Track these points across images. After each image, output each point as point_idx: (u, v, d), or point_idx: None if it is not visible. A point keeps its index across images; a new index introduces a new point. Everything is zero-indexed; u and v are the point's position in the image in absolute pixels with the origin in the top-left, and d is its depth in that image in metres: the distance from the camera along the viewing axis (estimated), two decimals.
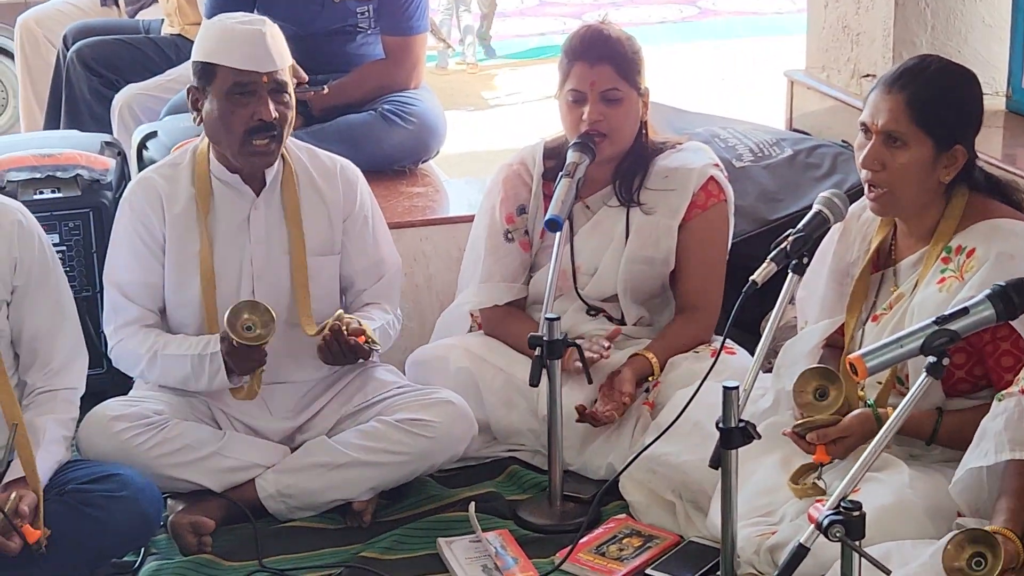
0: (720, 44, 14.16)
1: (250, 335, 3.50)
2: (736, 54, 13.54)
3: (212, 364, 3.61)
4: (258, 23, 3.62)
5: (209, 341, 3.64)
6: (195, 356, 3.64)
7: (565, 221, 3.63)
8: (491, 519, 3.63)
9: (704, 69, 12.87)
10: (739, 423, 3.02)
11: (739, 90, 11.44)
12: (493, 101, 12.77)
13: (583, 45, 3.83)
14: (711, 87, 11.73)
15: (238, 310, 3.50)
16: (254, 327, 3.50)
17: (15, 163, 4.39)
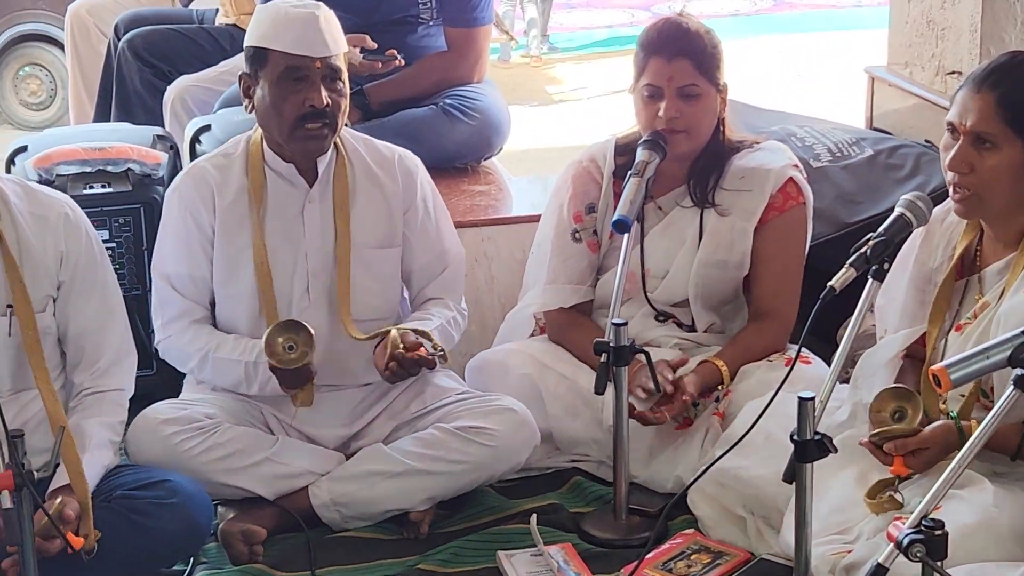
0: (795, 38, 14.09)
1: (291, 356, 3.50)
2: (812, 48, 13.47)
3: (265, 372, 3.64)
4: (312, 7, 3.63)
5: None
6: (249, 363, 3.68)
7: (634, 222, 3.63)
8: (553, 532, 3.62)
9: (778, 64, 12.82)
10: (815, 436, 2.99)
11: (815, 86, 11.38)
12: (557, 96, 12.76)
13: (661, 39, 3.82)
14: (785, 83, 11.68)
15: (274, 333, 3.50)
16: (295, 347, 3.50)
17: (65, 156, 4.42)
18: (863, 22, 13.76)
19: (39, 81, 12.40)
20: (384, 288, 3.84)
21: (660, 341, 3.92)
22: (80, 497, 3.20)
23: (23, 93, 12.41)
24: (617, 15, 15.87)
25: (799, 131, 4.65)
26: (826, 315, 3.09)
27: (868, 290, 3.13)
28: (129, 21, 5.84)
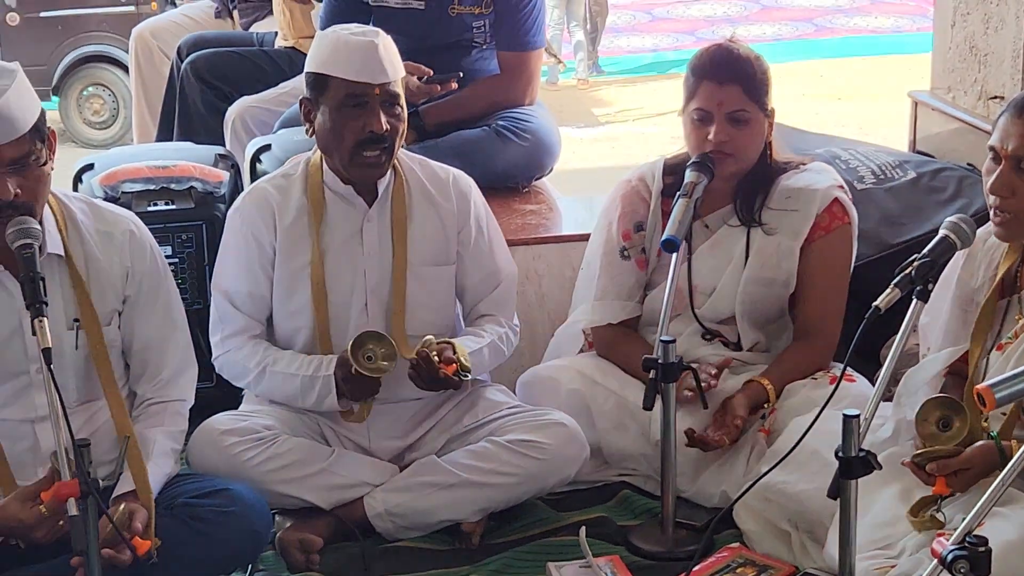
0: (837, 63, 14.06)
1: (370, 365, 3.53)
2: (853, 73, 13.44)
3: (323, 386, 3.66)
4: (371, 34, 3.65)
5: (322, 362, 3.68)
6: (306, 376, 3.68)
7: (682, 242, 3.62)
8: (602, 544, 3.61)
9: (820, 88, 12.79)
10: (859, 452, 2.97)
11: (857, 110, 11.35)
12: (604, 118, 12.77)
13: (712, 64, 3.81)
14: (828, 107, 11.65)
15: (363, 339, 3.55)
16: (375, 358, 3.54)
17: (130, 174, 4.45)
18: (903, 47, 13.73)
19: (102, 101, 12.52)
20: (439, 305, 3.86)
21: (707, 359, 3.90)
22: (144, 504, 3.21)
23: (87, 112, 12.53)
24: (662, 39, 15.88)
25: (843, 153, 4.63)
26: (870, 334, 3.08)
27: (912, 310, 3.10)
28: (192, 44, 5.87)
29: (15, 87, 3.11)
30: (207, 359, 3.98)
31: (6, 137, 3.09)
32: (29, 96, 3.16)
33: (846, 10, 16.38)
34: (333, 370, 3.65)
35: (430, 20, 4.76)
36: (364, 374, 3.54)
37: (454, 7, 4.75)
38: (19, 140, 3.11)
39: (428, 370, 3.59)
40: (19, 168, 3.12)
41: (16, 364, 3.32)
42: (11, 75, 3.13)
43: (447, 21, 4.76)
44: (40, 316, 2.98)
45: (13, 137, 3.09)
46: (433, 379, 3.60)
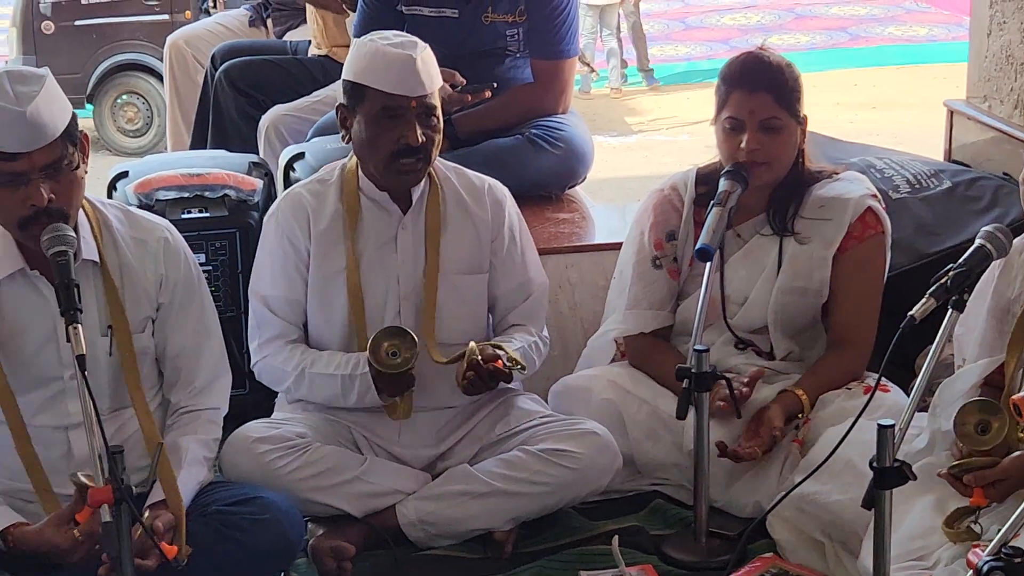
0: (872, 72, 14.02)
1: (395, 361, 3.54)
2: (888, 82, 13.39)
3: (362, 384, 3.67)
4: (409, 47, 3.65)
5: (359, 360, 3.68)
6: (345, 376, 3.69)
7: (716, 251, 3.62)
8: (634, 553, 3.61)
9: (855, 97, 12.75)
10: (894, 463, 2.96)
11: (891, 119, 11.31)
12: (637, 126, 12.76)
13: (743, 72, 3.81)
14: (862, 115, 11.61)
15: (379, 338, 3.55)
16: (398, 352, 3.54)
17: (164, 182, 4.47)
18: (938, 56, 13.69)
19: (136, 109, 12.55)
20: (471, 313, 3.86)
21: (740, 368, 3.90)
22: (174, 511, 3.22)
23: (120, 120, 12.57)
24: (696, 48, 15.86)
25: (878, 163, 4.62)
26: (905, 344, 3.07)
27: (948, 320, 3.09)
28: (225, 52, 5.90)
29: (44, 92, 3.13)
30: (240, 366, 4.00)
31: (37, 143, 3.10)
32: (59, 101, 3.17)
33: (881, 19, 16.33)
34: (368, 367, 3.66)
35: (463, 28, 4.76)
36: (390, 372, 3.55)
37: (487, 15, 4.75)
38: (51, 145, 3.12)
39: (479, 373, 3.59)
40: (52, 173, 3.14)
41: (50, 370, 3.33)
42: (40, 80, 3.15)
43: (480, 29, 4.76)
44: (75, 323, 3.00)
45: (44, 143, 3.11)
46: (485, 379, 3.60)
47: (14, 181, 3.13)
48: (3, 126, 3.08)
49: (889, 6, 16.78)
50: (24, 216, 3.15)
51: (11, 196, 3.14)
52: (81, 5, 12.06)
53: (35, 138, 3.10)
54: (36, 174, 3.12)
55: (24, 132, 3.09)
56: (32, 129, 3.09)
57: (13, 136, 3.09)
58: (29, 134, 3.09)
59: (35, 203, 3.13)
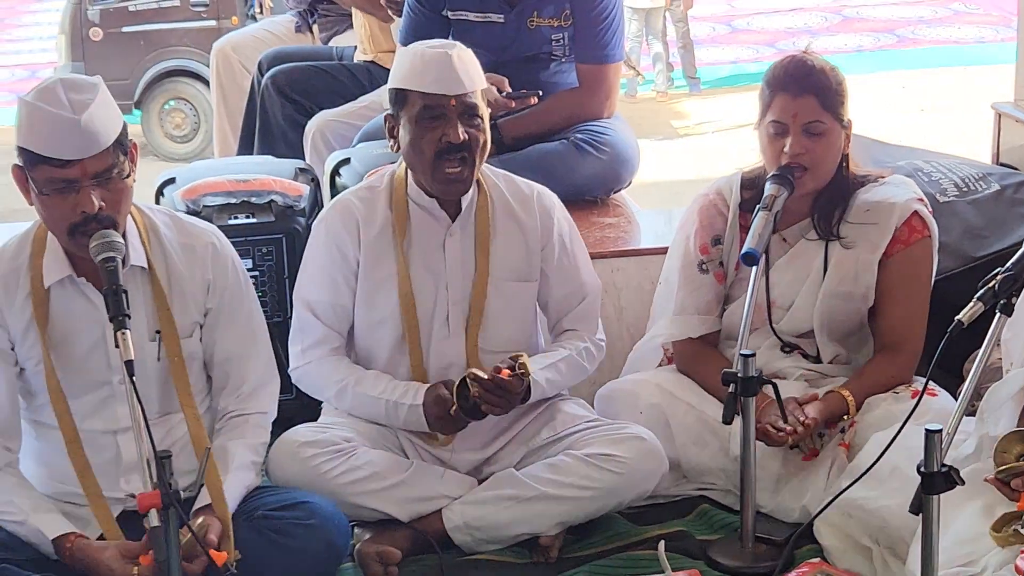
0: (919, 74, 13.95)
1: (468, 405, 3.58)
2: (936, 84, 13.33)
3: (410, 414, 3.70)
4: (447, 47, 3.67)
5: (408, 389, 3.71)
6: (391, 402, 3.72)
7: (762, 255, 3.62)
8: (681, 559, 3.60)
9: (902, 99, 12.69)
10: (942, 468, 2.95)
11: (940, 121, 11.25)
12: (682, 130, 12.74)
13: (786, 76, 3.80)
14: (910, 118, 11.56)
15: (467, 382, 3.56)
16: None
17: (211, 188, 4.49)
18: (987, 58, 13.61)
19: (183, 115, 12.63)
20: (519, 321, 3.87)
21: (786, 372, 3.90)
22: (220, 517, 3.24)
23: (168, 126, 12.65)
24: (742, 51, 15.82)
25: (925, 166, 4.60)
26: (953, 348, 3.05)
27: (996, 324, 3.07)
28: (272, 58, 5.92)
29: (97, 101, 3.16)
30: (287, 371, 4.00)
31: (89, 151, 3.13)
32: (111, 110, 3.21)
33: (929, 20, 16.25)
34: (422, 401, 3.67)
35: (509, 33, 4.77)
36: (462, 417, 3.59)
37: (533, 20, 4.76)
38: (102, 154, 3.16)
39: (484, 388, 3.57)
40: (103, 181, 3.17)
41: (99, 375, 3.37)
42: (93, 89, 3.18)
43: (526, 34, 4.77)
44: (123, 328, 3.02)
45: (97, 151, 3.14)
46: (496, 391, 3.58)
47: (65, 188, 3.16)
48: (57, 134, 3.12)
49: (937, 7, 16.71)
50: (74, 223, 3.18)
51: (62, 203, 3.17)
52: (129, 12, 12.15)
53: (88, 146, 3.13)
54: (87, 181, 3.15)
55: (77, 140, 3.12)
56: (85, 137, 3.12)
57: (66, 144, 3.12)
58: (82, 142, 3.13)
59: (86, 210, 3.16)
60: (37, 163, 3.16)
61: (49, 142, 3.13)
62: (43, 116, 3.13)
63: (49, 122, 3.12)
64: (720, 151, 10.90)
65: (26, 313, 3.33)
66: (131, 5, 12.23)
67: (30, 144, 3.16)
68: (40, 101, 3.14)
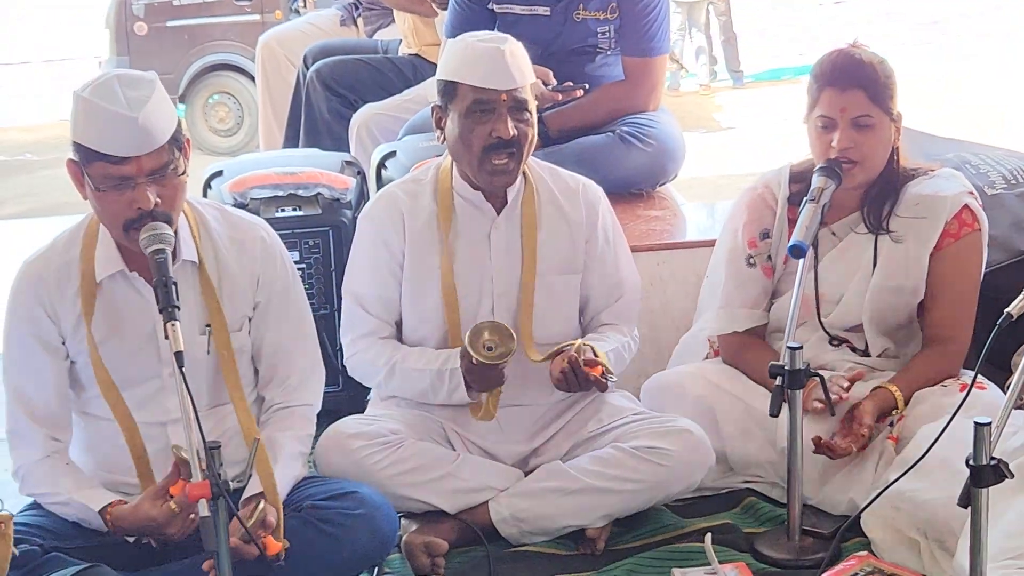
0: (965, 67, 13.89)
1: (490, 354, 3.56)
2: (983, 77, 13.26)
3: (451, 379, 3.69)
4: (499, 41, 3.67)
5: (449, 356, 3.71)
6: (434, 371, 3.72)
7: (809, 247, 3.61)
8: (727, 551, 3.61)
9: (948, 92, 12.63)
10: (991, 460, 2.94)
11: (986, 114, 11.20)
12: (726, 123, 12.72)
13: (834, 70, 3.78)
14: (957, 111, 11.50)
15: (480, 329, 3.57)
16: (495, 347, 3.56)
17: (258, 181, 4.51)
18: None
19: (227, 109, 12.69)
20: (564, 313, 3.88)
21: (834, 365, 3.89)
22: (272, 505, 3.26)
23: (212, 120, 12.72)
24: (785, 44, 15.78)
25: (973, 158, 4.57)
26: (1001, 341, 3.04)
27: None
28: (317, 52, 5.94)
29: (154, 98, 3.16)
30: (333, 363, 4.03)
31: (146, 148, 3.15)
32: (168, 106, 3.22)
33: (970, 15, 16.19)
34: (459, 363, 3.68)
35: (555, 26, 4.78)
36: (484, 362, 3.57)
37: (579, 13, 4.76)
38: (158, 151, 3.16)
39: (576, 373, 3.60)
40: (158, 178, 3.19)
41: (149, 368, 3.39)
42: (150, 86, 3.19)
43: (572, 27, 4.77)
44: (172, 320, 3.03)
45: (153, 148, 3.15)
46: (580, 382, 3.62)
47: (121, 184, 3.17)
48: (114, 131, 3.13)
49: None
50: (129, 219, 3.20)
51: (118, 199, 3.19)
52: (173, 6, 12.22)
53: (144, 143, 3.14)
54: (143, 178, 3.17)
55: (134, 137, 3.13)
56: (142, 134, 3.13)
57: (123, 141, 3.13)
58: (139, 139, 3.14)
59: (141, 206, 3.17)
60: (93, 159, 3.17)
61: (106, 139, 3.14)
62: (100, 112, 3.14)
63: (106, 119, 3.13)
64: (765, 145, 10.87)
65: (78, 307, 3.35)
66: (176, 0, 12.29)
67: (86, 140, 3.17)
68: (96, 97, 3.15)
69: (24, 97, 16.34)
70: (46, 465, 3.37)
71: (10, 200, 11.55)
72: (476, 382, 3.67)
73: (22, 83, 17.23)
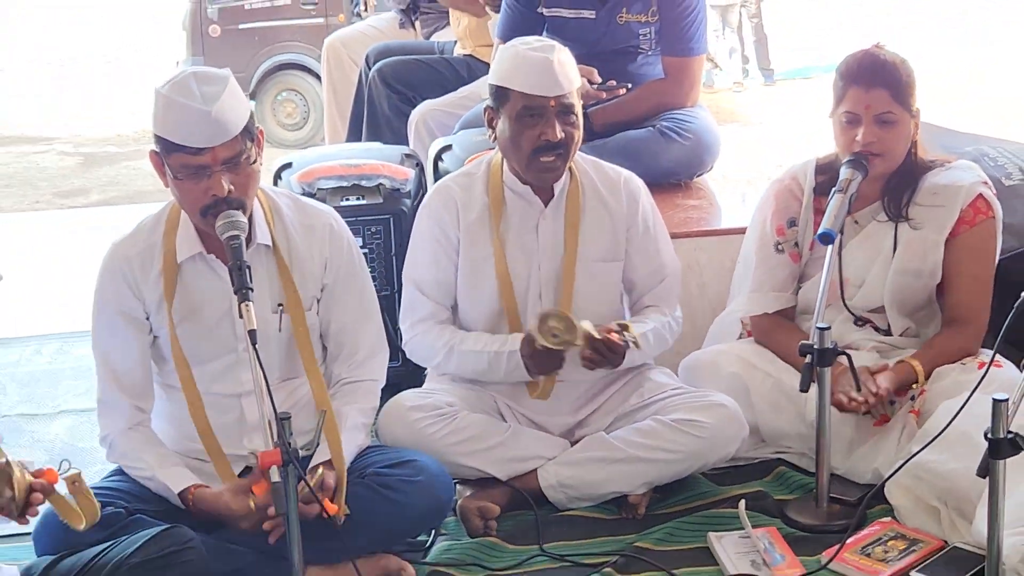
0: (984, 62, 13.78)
1: (555, 341, 3.55)
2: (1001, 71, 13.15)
3: (510, 361, 3.69)
4: (548, 50, 3.65)
5: (507, 339, 3.71)
6: (493, 353, 3.72)
7: (838, 235, 3.59)
8: (759, 517, 3.60)
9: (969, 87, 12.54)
10: (1008, 434, 2.94)
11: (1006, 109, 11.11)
12: (756, 117, 12.67)
13: (859, 69, 3.76)
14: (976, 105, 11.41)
15: (546, 316, 3.57)
16: (560, 334, 3.55)
17: (325, 172, 4.51)
18: None
19: (294, 105, 12.74)
20: (606, 297, 3.87)
21: (859, 344, 3.87)
22: (337, 472, 3.28)
23: (280, 115, 12.76)
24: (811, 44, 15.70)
25: (991, 151, 4.53)
26: (1018, 323, 3.03)
27: None
28: (378, 52, 5.94)
29: (227, 92, 3.18)
30: (395, 341, 4.03)
31: (220, 138, 3.16)
32: (240, 99, 3.23)
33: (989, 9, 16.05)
34: (518, 347, 3.67)
35: (599, 28, 4.76)
36: (549, 348, 3.56)
37: (622, 16, 4.74)
38: (231, 141, 3.18)
39: (595, 347, 3.57)
40: (232, 166, 3.20)
41: (226, 343, 3.41)
42: (224, 81, 3.21)
43: (615, 29, 4.75)
44: (246, 301, 3.05)
45: (227, 139, 3.17)
46: (605, 353, 3.59)
47: (198, 173, 3.19)
48: (190, 123, 3.15)
49: None
50: (206, 204, 3.21)
51: (195, 187, 3.21)
52: (244, 10, 12.28)
53: (218, 134, 3.16)
54: (218, 167, 3.18)
55: (209, 129, 3.15)
56: (216, 126, 3.15)
57: (199, 132, 3.15)
58: (213, 131, 3.15)
59: (216, 193, 3.19)
60: (172, 150, 3.19)
61: (182, 131, 3.16)
62: (177, 107, 3.16)
63: (182, 112, 3.15)
64: (792, 139, 10.82)
65: (160, 286, 3.37)
66: (247, 4, 12.34)
67: (165, 133, 3.19)
68: (174, 93, 3.17)
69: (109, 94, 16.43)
70: (131, 436, 3.40)
71: (95, 189, 11.64)
72: (537, 366, 3.66)
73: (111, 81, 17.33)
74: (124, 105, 15.12)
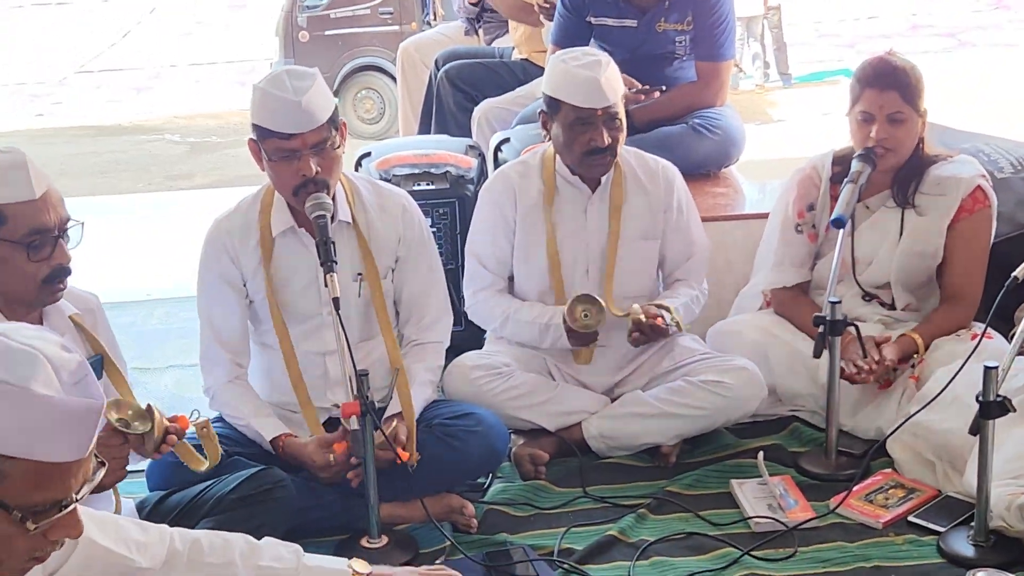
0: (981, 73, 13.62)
1: (586, 321, 3.57)
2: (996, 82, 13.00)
3: (554, 332, 3.70)
4: (595, 67, 3.62)
5: (555, 312, 3.71)
6: (543, 324, 3.72)
7: (849, 220, 3.56)
8: (776, 466, 3.59)
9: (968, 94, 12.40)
10: (997, 398, 2.92)
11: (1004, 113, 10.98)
12: (777, 116, 12.58)
13: (874, 73, 3.72)
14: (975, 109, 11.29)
15: (576, 302, 3.57)
16: (590, 315, 3.56)
17: (399, 161, 4.52)
18: None
19: (372, 102, 12.76)
20: (645, 272, 3.86)
21: (866, 317, 3.84)
22: (408, 423, 3.29)
23: (359, 111, 12.79)
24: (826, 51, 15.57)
25: (986, 147, 4.48)
26: (1007, 300, 3.01)
27: None
28: (446, 56, 5.93)
29: (315, 86, 3.21)
30: (458, 308, 4.03)
31: (309, 126, 3.18)
32: (326, 93, 3.25)
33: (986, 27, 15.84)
34: (561, 320, 3.67)
35: (640, 35, 4.73)
36: (578, 331, 3.58)
37: (661, 24, 4.71)
38: (318, 128, 3.20)
39: (643, 331, 3.61)
40: (318, 151, 3.22)
41: (312, 308, 3.42)
42: (312, 77, 3.24)
43: (654, 36, 4.72)
44: (331, 272, 3.07)
45: (315, 126, 3.19)
46: (649, 334, 3.62)
47: (289, 156, 3.21)
48: (283, 112, 3.17)
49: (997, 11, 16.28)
50: (296, 184, 3.23)
51: (287, 168, 3.23)
52: (330, 19, 12.32)
53: (307, 122, 3.18)
54: (306, 151, 3.20)
55: (299, 117, 3.17)
56: (305, 115, 3.17)
57: (290, 120, 3.17)
58: (303, 119, 3.17)
59: (305, 174, 3.21)
60: (267, 137, 3.22)
61: (277, 119, 3.18)
62: (272, 98, 3.18)
63: (276, 103, 3.17)
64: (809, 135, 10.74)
65: (256, 256, 3.39)
66: (332, 13, 12.37)
67: (261, 121, 3.22)
68: (270, 87, 3.20)
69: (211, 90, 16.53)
70: (230, 389, 3.42)
71: (200, 173, 11.72)
72: (574, 340, 3.68)
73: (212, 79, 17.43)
74: (225, 102, 15.21)
